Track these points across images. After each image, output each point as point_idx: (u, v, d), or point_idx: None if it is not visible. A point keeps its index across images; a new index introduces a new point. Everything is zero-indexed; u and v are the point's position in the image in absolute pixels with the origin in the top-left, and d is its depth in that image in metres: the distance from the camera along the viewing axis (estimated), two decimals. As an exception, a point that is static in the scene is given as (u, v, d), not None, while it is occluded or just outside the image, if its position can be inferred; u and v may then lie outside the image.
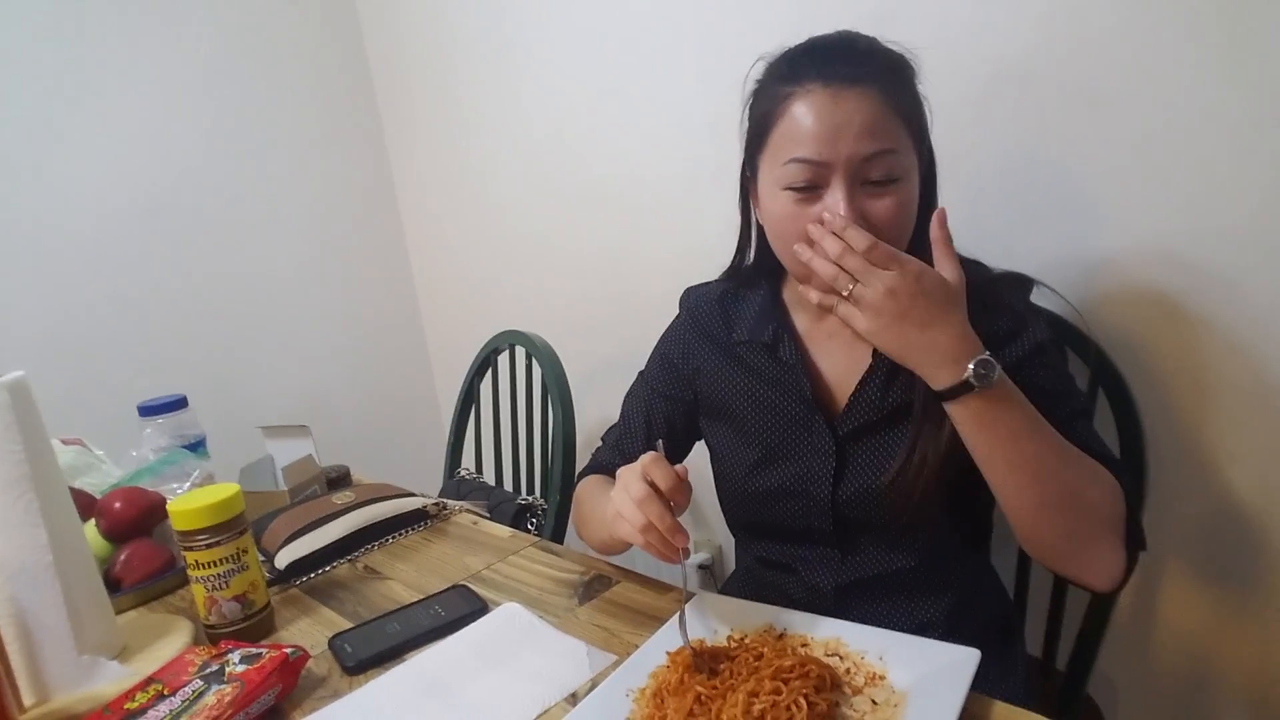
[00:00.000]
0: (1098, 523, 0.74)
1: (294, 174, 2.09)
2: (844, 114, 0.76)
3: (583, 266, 1.83)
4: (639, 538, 0.76)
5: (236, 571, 0.86)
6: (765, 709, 0.61)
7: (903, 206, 0.79)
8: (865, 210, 0.77)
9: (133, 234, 1.83)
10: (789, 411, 0.90)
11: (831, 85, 0.76)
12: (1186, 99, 0.95)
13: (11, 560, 0.75)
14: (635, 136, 1.62)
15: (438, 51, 1.99)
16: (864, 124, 0.76)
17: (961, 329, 0.71)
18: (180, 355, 1.90)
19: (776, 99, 0.80)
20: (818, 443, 0.88)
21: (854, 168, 0.77)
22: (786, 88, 0.79)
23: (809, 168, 0.77)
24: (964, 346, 0.71)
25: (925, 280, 0.71)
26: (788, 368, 0.90)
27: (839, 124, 0.76)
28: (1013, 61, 1.07)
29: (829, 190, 0.78)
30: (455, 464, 1.70)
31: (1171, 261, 1.00)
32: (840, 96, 0.76)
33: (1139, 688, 1.16)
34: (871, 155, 0.76)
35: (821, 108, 0.76)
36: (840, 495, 0.87)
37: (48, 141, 1.70)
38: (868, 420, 0.86)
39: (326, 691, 0.78)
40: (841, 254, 0.72)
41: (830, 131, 0.76)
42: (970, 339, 0.71)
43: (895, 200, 0.78)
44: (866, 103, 0.76)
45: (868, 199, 0.78)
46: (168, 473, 1.15)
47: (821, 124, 0.76)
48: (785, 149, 0.79)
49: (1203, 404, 1.02)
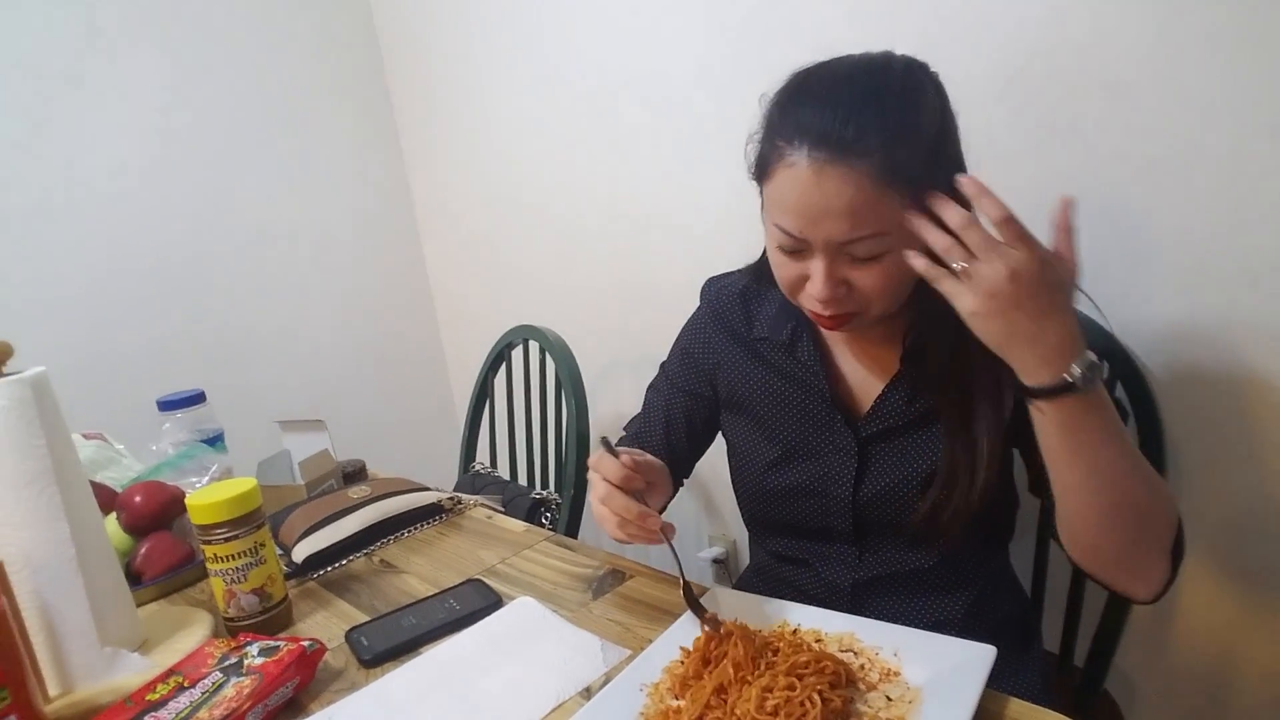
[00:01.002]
0: (1156, 535, 0.72)
1: (310, 170, 2.11)
2: (825, 196, 0.71)
3: (596, 262, 1.84)
4: (619, 534, 0.79)
5: (254, 565, 0.87)
6: (779, 704, 0.61)
7: (890, 277, 0.75)
8: (848, 279, 0.75)
9: (152, 232, 1.85)
10: (809, 409, 0.90)
11: (817, 159, 0.70)
12: (1208, 89, 0.94)
13: (35, 554, 0.76)
14: (649, 131, 1.62)
15: (455, 45, 2.00)
16: (846, 208, 0.70)
17: (1072, 326, 0.65)
18: (198, 351, 1.92)
19: (770, 151, 0.75)
20: (839, 442, 0.88)
21: (834, 248, 0.73)
22: (778, 141, 0.74)
23: (791, 239, 0.75)
24: (1072, 345, 0.65)
25: (1050, 270, 0.64)
26: (806, 367, 0.90)
27: (819, 207, 0.71)
28: (1033, 50, 1.06)
29: (813, 260, 0.75)
30: (470, 459, 1.71)
31: (1193, 254, 0.99)
32: (823, 174, 0.70)
33: (1158, 685, 1.15)
34: (851, 240, 0.72)
35: (803, 188, 0.72)
36: (861, 496, 0.87)
37: (68, 141, 1.72)
38: (891, 425, 0.86)
39: (343, 684, 0.79)
40: (966, 226, 0.66)
41: (810, 214, 0.72)
42: (1077, 337, 0.65)
43: (882, 272, 0.74)
44: (851, 184, 0.70)
45: (852, 269, 0.75)
46: (187, 467, 1.16)
47: (802, 204, 0.72)
48: (772, 210, 0.76)
49: (1224, 400, 1.00)
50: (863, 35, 0.80)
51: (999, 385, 0.79)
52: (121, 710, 0.71)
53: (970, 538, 0.87)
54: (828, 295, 0.75)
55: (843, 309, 0.77)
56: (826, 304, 0.77)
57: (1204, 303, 0.99)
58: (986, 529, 0.90)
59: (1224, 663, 1.09)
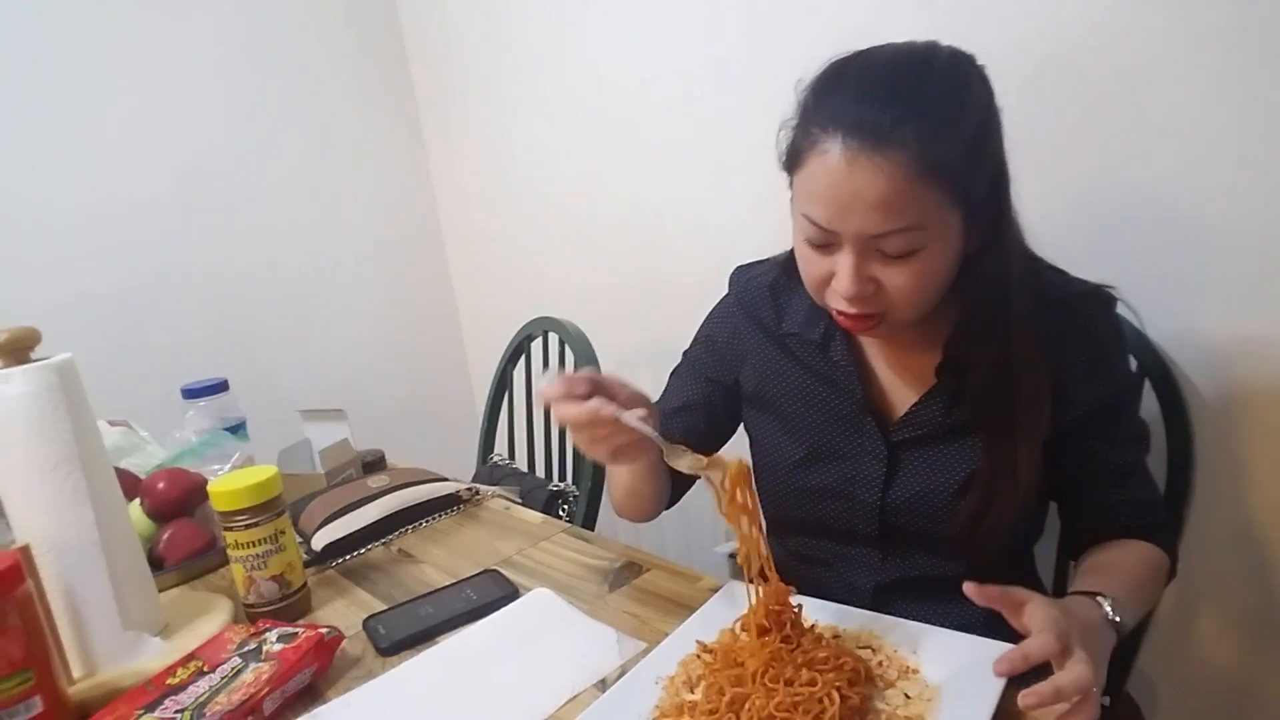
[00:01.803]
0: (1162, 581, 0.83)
1: (333, 165, 2.12)
2: (856, 186, 0.68)
3: (617, 255, 1.83)
4: (583, 442, 0.75)
5: (274, 552, 0.87)
6: (799, 700, 0.61)
7: (922, 277, 0.72)
8: (877, 277, 0.73)
9: (177, 223, 1.87)
10: (839, 410, 0.88)
11: (850, 147, 0.68)
12: (1231, 79, 0.91)
13: (59, 538, 0.77)
14: (670, 125, 1.61)
15: (478, 42, 2.00)
16: (878, 199, 0.68)
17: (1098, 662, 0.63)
18: (222, 340, 1.94)
19: (803, 138, 0.73)
20: (869, 445, 0.86)
21: (863, 242, 0.71)
22: (812, 129, 0.72)
23: (820, 230, 0.73)
24: (1109, 640, 0.68)
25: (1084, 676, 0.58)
26: (838, 367, 0.88)
27: (849, 197, 0.69)
28: (1054, 46, 1.04)
29: (840, 253, 0.73)
30: (488, 450, 1.72)
31: (1217, 241, 0.96)
32: (856, 164, 0.68)
33: (1180, 687, 1.13)
34: (882, 234, 0.70)
35: (834, 176, 0.69)
36: (889, 501, 0.85)
37: (93, 126, 1.74)
38: (925, 433, 0.84)
39: (360, 672, 0.79)
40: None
41: (840, 204, 0.70)
42: (1103, 663, 0.65)
43: (913, 271, 0.72)
44: (884, 175, 0.67)
45: (881, 266, 0.73)
46: (209, 454, 1.17)
47: (832, 194, 0.70)
48: (801, 200, 0.74)
49: (1255, 402, 0.98)
50: (883, 28, 0.79)
51: (1039, 398, 0.78)
52: (142, 693, 0.72)
53: (1000, 545, 0.86)
54: (854, 293, 0.73)
55: (869, 309, 0.75)
56: (852, 302, 0.74)
57: (1240, 303, 0.97)
58: (1017, 537, 0.89)
59: (1246, 666, 1.07)
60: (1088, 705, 0.58)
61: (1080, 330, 0.80)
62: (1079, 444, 0.82)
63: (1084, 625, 0.64)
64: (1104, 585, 0.72)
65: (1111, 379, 0.82)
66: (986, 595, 0.64)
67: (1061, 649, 0.59)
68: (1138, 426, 0.85)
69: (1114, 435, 0.82)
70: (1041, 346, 0.78)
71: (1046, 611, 0.62)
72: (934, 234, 0.71)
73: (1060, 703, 0.57)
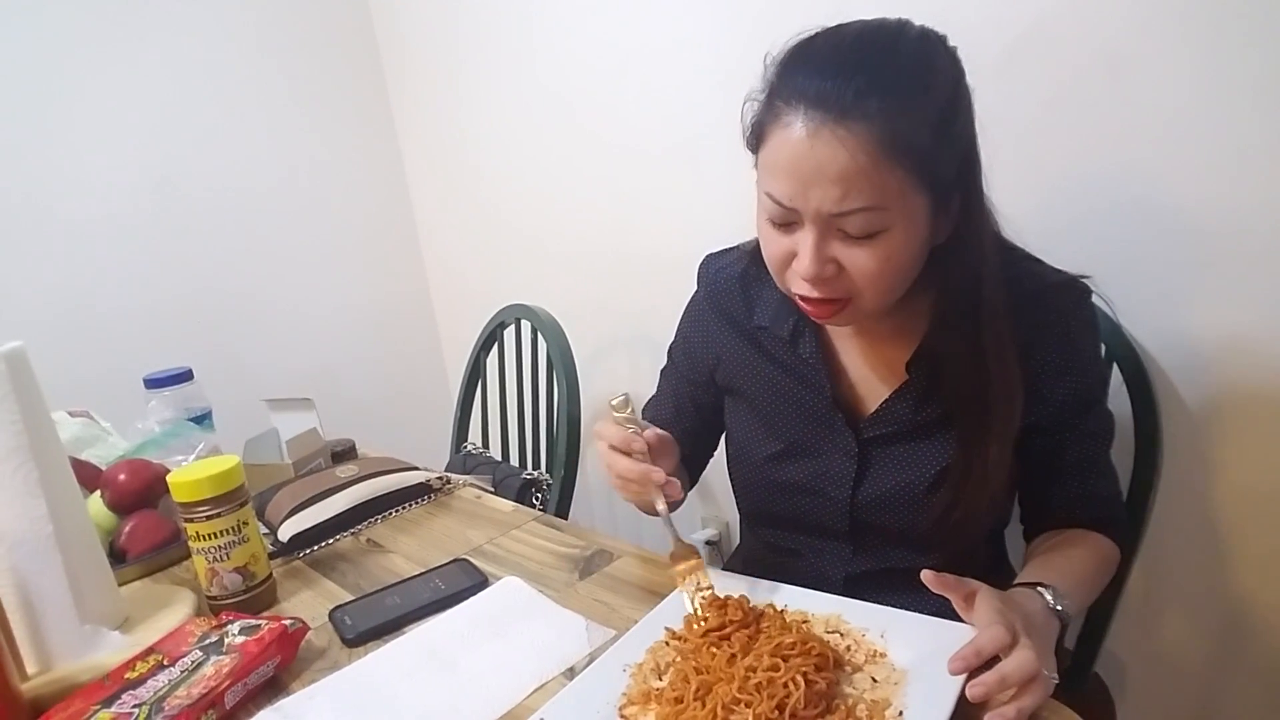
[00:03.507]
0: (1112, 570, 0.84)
1: (302, 149, 2.08)
2: (818, 161, 0.67)
3: (592, 240, 1.81)
4: (626, 495, 0.81)
5: (237, 543, 0.86)
6: (761, 683, 0.60)
7: (886, 260, 0.71)
8: (838, 259, 0.72)
9: (142, 208, 1.83)
10: (810, 406, 0.87)
11: (813, 119, 0.67)
12: (1209, 62, 0.91)
13: (12, 531, 0.75)
14: (639, 111, 1.59)
15: (445, 27, 1.97)
16: (839, 174, 0.67)
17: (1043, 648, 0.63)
18: (187, 328, 1.90)
19: (766, 113, 0.72)
20: (839, 442, 0.86)
21: (824, 220, 0.70)
22: (776, 102, 0.71)
23: (781, 209, 0.72)
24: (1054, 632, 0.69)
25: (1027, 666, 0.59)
26: (808, 363, 0.87)
27: (811, 172, 0.68)
28: (1029, 26, 1.04)
29: (802, 232, 0.72)
30: (462, 439, 1.70)
31: (1191, 226, 0.97)
32: (818, 137, 0.67)
33: (1148, 667, 1.15)
34: (843, 212, 0.68)
35: (795, 151, 0.68)
36: (860, 498, 0.85)
37: (58, 116, 1.70)
38: (896, 430, 0.84)
39: (326, 663, 0.78)
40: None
41: (801, 179, 0.69)
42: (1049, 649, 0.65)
43: (877, 254, 0.70)
44: (846, 150, 0.66)
45: (844, 247, 0.71)
46: (173, 445, 1.15)
47: (794, 168, 0.69)
48: (764, 177, 0.73)
49: (1216, 377, 0.99)
50: (855, 12, 0.78)
51: (1013, 394, 0.78)
52: (99, 688, 0.70)
53: (971, 538, 0.86)
54: (814, 273, 0.71)
55: (831, 293, 0.73)
56: (814, 284, 0.73)
57: (1217, 292, 0.97)
58: (986, 527, 0.89)
59: (1216, 644, 1.09)
60: (1035, 685, 0.58)
61: (1054, 323, 0.80)
62: (1047, 438, 0.82)
63: (1027, 615, 0.65)
64: (1047, 577, 0.72)
65: (1084, 372, 0.82)
66: (943, 583, 0.65)
67: (1011, 640, 0.60)
68: (1106, 420, 0.85)
69: (1082, 429, 0.82)
70: (1016, 340, 0.77)
71: (991, 604, 0.63)
72: (897, 215, 0.70)
73: (1007, 689, 0.58)
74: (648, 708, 0.64)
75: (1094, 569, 0.80)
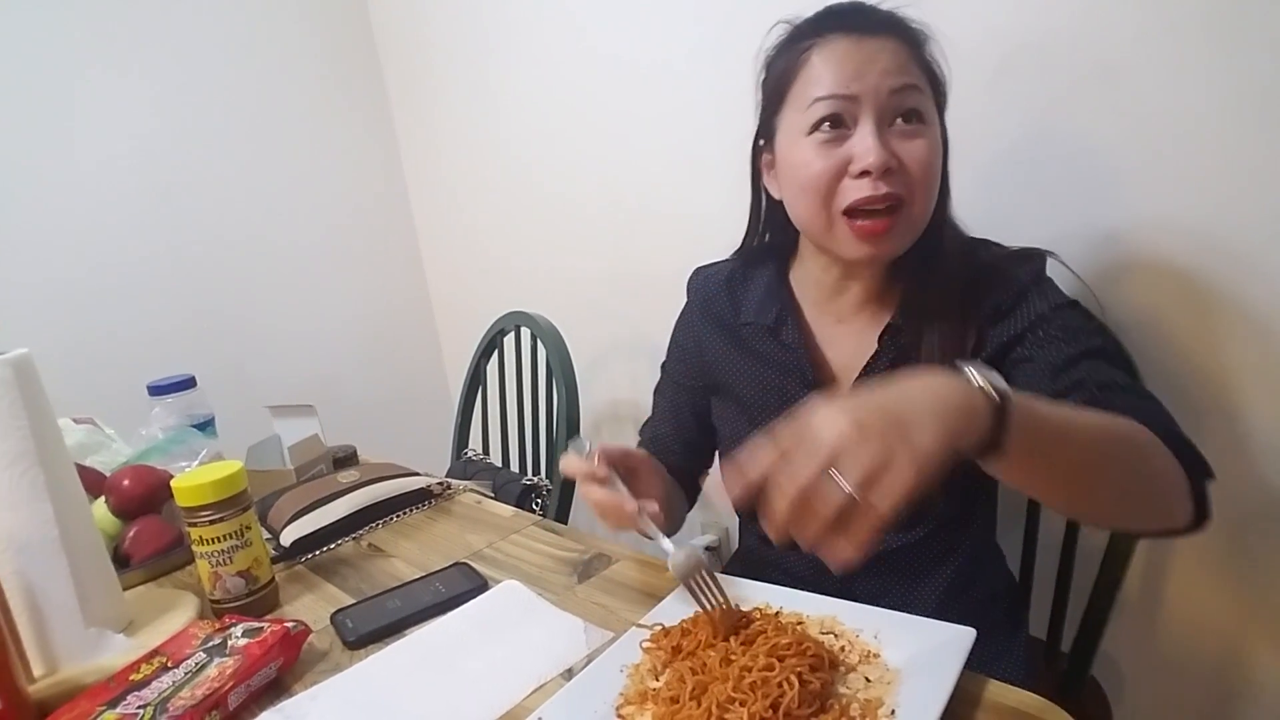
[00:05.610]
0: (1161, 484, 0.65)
1: (304, 155, 2.10)
2: (869, 52, 0.76)
3: (591, 248, 1.83)
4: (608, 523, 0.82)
5: (240, 547, 0.87)
6: (756, 683, 0.61)
7: (933, 151, 0.78)
8: (897, 150, 0.76)
9: (146, 218, 1.84)
10: (793, 395, 0.89)
11: (854, 30, 0.77)
12: (1203, 72, 0.93)
13: (18, 535, 0.76)
14: (639, 120, 1.61)
15: (448, 32, 1.99)
16: (891, 60, 0.76)
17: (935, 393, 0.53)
18: (190, 336, 1.92)
19: (796, 53, 0.80)
20: None
21: (882, 100, 0.76)
22: (806, 42, 0.79)
23: (836, 102, 0.77)
24: (954, 398, 0.53)
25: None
26: (790, 351, 0.89)
27: (865, 61, 0.76)
28: (1025, 36, 1.05)
29: (857, 128, 0.77)
30: (462, 445, 1.71)
31: (1186, 236, 0.98)
32: (863, 41, 0.77)
33: (1146, 671, 1.15)
34: (900, 88, 0.76)
35: (847, 49, 0.77)
36: None
37: (60, 121, 1.72)
38: None
39: (327, 665, 0.79)
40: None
41: (857, 67, 0.76)
42: (950, 388, 0.53)
43: (926, 143, 0.77)
44: (890, 47, 0.77)
45: (898, 139, 0.77)
46: (176, 451, 1.16)
47: (849, 61, 0.76)
48: (809, 93, 0.78)
49: (1215, 383, 1.00)
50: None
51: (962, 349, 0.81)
52: (104, 690, 0.71)
53: (952, 504, 0.88)
54: (881, 158, 0.74)
55: (892, 187, 0.76)
56: (878, 174, 0.75)
57: (1197, 282, 0.98)
58: (968, 495, 0.91)
59: (1214, 647, 1.09)
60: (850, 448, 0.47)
61: (1000, 282, 0.81)
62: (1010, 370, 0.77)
63: (885, 390, 0.52)
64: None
65: (1028, 310, 0.79)
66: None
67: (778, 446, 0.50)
68: (1078, 322, 0.78)
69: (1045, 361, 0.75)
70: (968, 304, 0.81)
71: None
72: (930, 109, 0.79)
73: (767, 464, 0.50)
74: (644, 707, 0.64)
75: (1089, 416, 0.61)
